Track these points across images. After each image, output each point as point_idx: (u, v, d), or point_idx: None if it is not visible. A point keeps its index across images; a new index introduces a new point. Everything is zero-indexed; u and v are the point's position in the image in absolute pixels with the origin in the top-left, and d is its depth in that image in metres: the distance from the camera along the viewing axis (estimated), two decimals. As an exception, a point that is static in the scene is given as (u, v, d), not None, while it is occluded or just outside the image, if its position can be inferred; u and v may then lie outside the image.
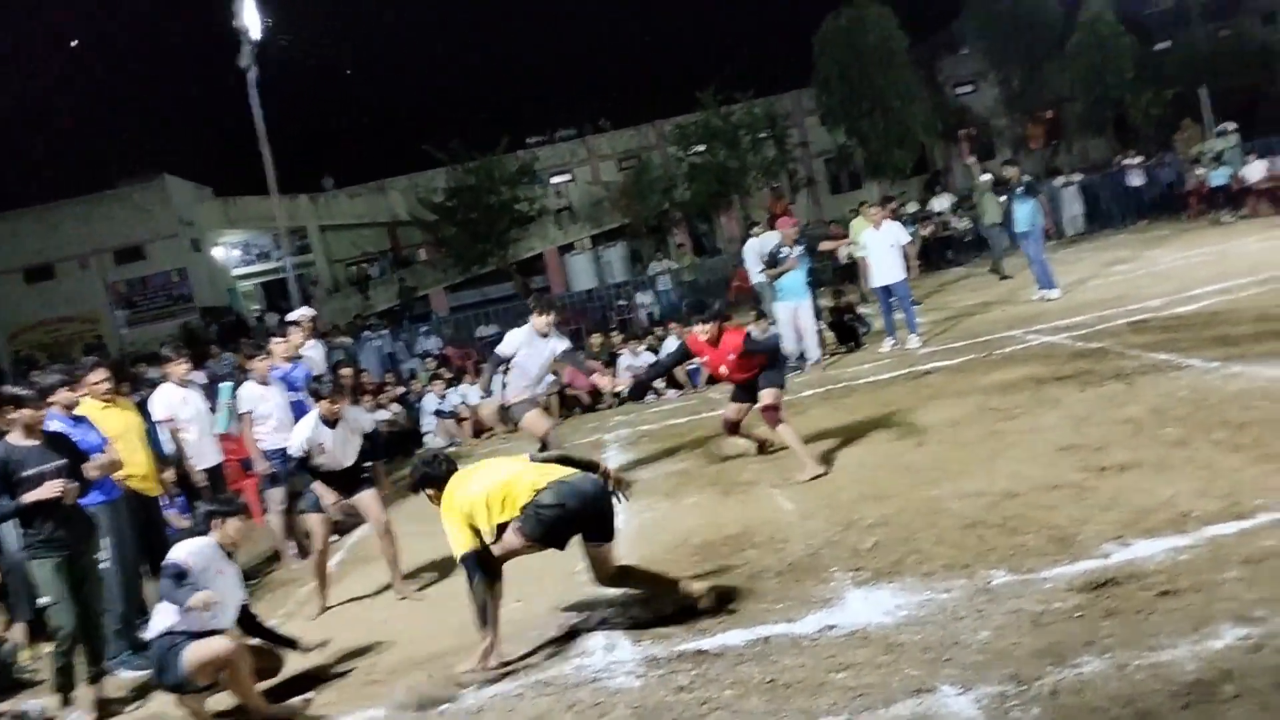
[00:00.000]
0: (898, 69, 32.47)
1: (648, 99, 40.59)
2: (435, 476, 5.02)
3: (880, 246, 12.06)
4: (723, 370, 7.64)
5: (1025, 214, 13.62)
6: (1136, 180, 24.05)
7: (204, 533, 5.13)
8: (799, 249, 11.95)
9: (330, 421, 6.45)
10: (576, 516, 4.80)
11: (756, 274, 15.30)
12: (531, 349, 7.99)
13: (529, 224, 34.66)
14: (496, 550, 4.88)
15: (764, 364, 7.49)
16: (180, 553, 4.93)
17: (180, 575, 4.81)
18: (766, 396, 7.38)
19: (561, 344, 8.32)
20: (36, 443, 5.41)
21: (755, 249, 15.60)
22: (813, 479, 6.92)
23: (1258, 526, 4.38)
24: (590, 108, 42.52)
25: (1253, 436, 5.59)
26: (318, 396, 6.47)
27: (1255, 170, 19.84)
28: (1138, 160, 24.81)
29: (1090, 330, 10.18)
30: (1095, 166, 30.59)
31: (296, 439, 6.45)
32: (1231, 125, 23.03)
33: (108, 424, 6.39)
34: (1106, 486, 5.37)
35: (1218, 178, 20.90)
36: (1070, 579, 4.30)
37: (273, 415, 8.10)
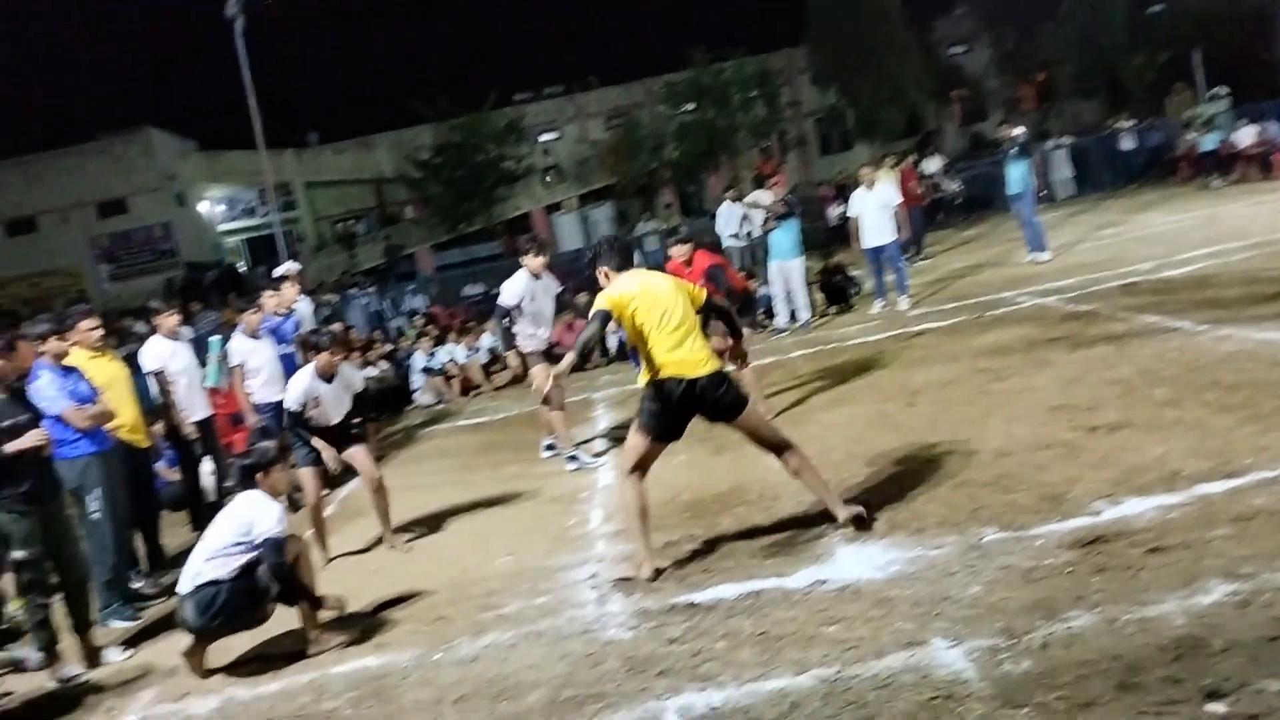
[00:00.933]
0: (892, 28, 32.30)
1: (637, 56, 40.33)
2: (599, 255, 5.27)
3: (872, 207, 12.02)
4: None
5: (1019, 175, 13.60)
6: (1128, 144, 24.04)
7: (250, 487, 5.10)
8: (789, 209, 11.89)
9: (327, 376, 6.42)
10: (677, 412, 4.91)
11: (728, 237, 15.19)
12: (535, 292, 7.87)
13: (516, 183, 34.47)
14: (629, 453, 5.04)
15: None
16: (275, 524, 4.89)
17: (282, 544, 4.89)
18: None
19: (555, 285, 8.24)
20: (3, 396, 5.35)
21: (728, 213, 15.48)
22: None
23: (1247, 485, 4.41)
24: (579, 64, 42.22)
25: (1243, 397, 5.62)
26: (316, 349, 6.44)
27: (1245, 135, 19.83)
28: (1129, 124, 24.77)
29: (1081, 293, 10.21)
30: (1086, 130, 30.52)
31: (293, 392, 6.41)
32: (1223, 89, 22.98)
33: (97, 374, 6.34)
34: (1097, 446, 5.40)
35: (1208, 142, 20.88)
36: (1061, 536, 4.33)
37: (264, 369, 8.06)
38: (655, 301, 4.96)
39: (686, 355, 4.85)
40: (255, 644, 5.09)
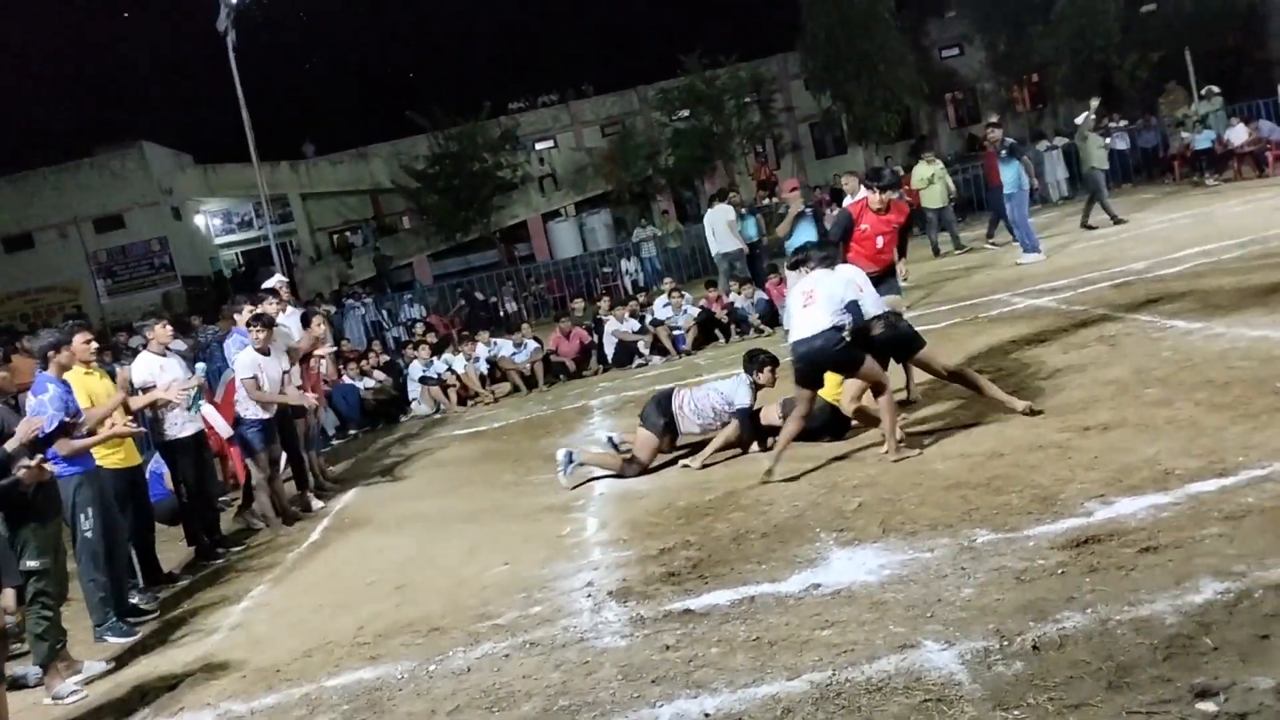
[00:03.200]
0: (884, 32, 32.29)
1: (631, 63, 40.23)
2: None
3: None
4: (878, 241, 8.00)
5: (1010, 177, 13.62)
6: (1120, 144, 24.01)
7: None
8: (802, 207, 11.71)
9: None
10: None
11: (716, 248, 15.09)
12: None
13: (512, 191, 34.50)
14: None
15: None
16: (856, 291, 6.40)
17: None
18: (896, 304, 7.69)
19: None
20: (3, 406, 5.43)
21: (713, 220, 15.38)
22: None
23: (1239, 483, 4.41)
24: (573, 72, 42.16)
25: (1235, 395, 5.62)
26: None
27: (1238, 134, 19.84)
28: (1122, 124, 24.76)
29: (1074, 293, 10.22)
30: (1080, 130, 30.47)
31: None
32: (1215, 89, 23.01)
33: (92, 389, 6.35)
34: (1089, 446, 5.40)
35: (1201, 141, 20.91)
36: (1053, 537, 4.34)
37: (271, 384, 8.07)
38: None
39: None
40: (257, 660, 5.10)
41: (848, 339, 6.16)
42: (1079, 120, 16.16)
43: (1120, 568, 3.90)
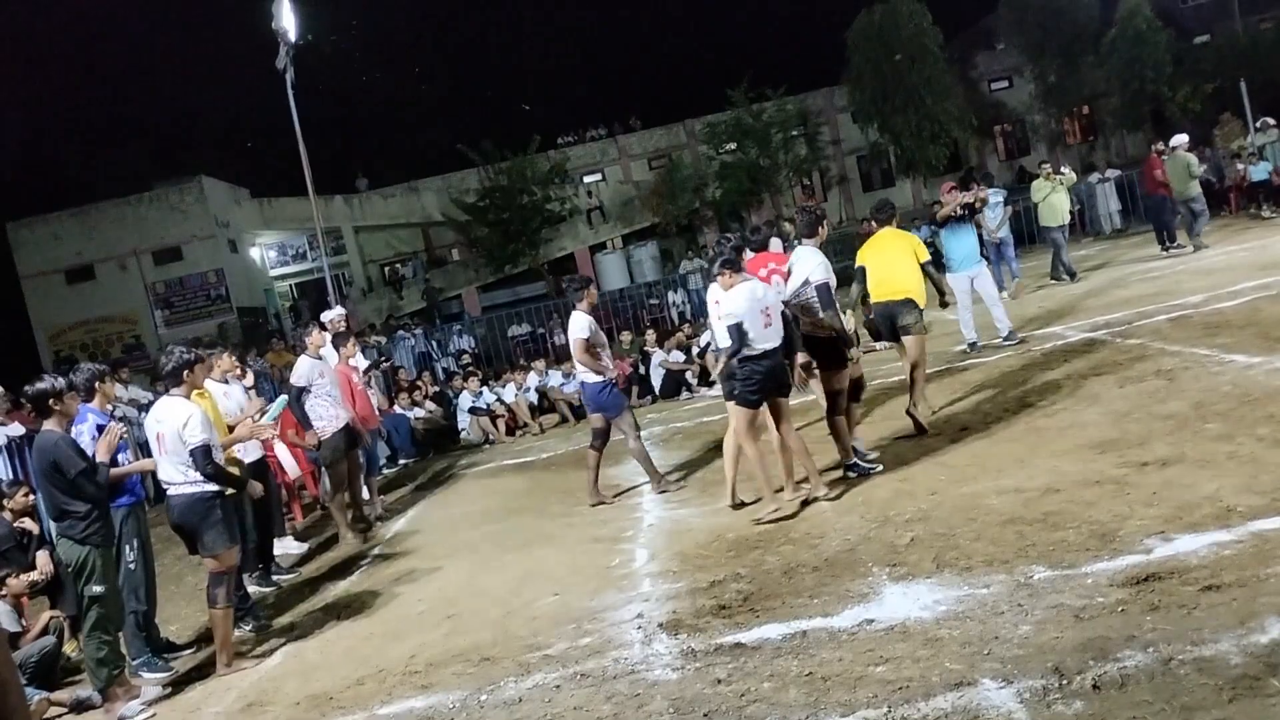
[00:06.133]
0: (931, 65, 32.27)
1: (678, 97, 40.59)
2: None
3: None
4: None
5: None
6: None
7: None
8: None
9: None
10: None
11: None
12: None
13: (560, 224, 34.83)
14: None
15: None
16: None
17: None
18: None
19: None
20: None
21: None
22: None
23: (1304, 521, 4.32)
24: (621, 107, 42.54)
25: (1298, 432, 5.51)
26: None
27: (1297, 165, 19.50)
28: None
29: (1130, 326, 10.07)
30: (1133, 162, 30.16)
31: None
32: (1271, 120, 22.66)
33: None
34: (1148, 482, 5.31)
35: (1258, 173, 20.55)
36: (1112, 574, 4.27)
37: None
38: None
39: None
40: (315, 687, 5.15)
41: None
42: (1174, 142, 15.99)
43: (1182, 606, 3.83)
